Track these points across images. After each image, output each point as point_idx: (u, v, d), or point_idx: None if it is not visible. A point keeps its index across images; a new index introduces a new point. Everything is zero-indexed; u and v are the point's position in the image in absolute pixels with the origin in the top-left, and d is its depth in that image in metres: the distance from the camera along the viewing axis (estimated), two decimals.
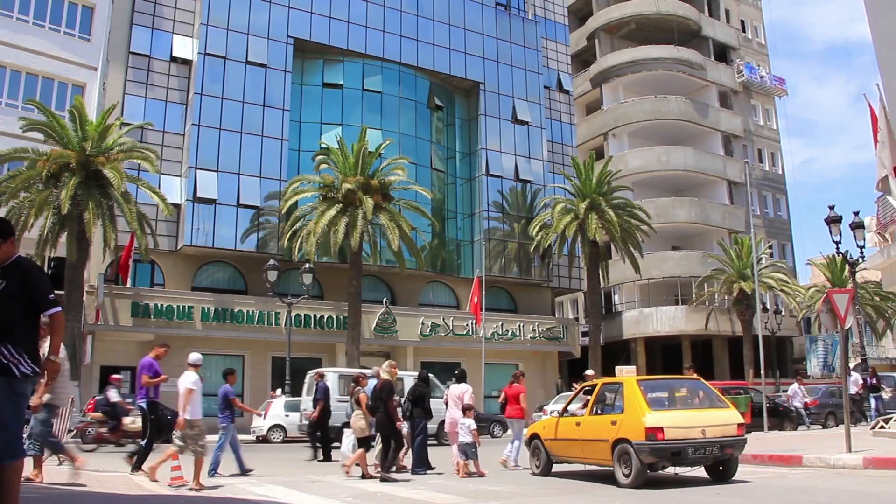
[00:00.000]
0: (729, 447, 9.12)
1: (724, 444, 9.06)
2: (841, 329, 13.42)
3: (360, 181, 26.82)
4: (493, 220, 34.46)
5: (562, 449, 10.61)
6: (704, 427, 8.99)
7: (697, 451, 8.92)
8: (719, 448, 9.02)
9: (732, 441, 9.16)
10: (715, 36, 47.39)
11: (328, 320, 28.80)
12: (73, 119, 22.94)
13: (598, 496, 8.60)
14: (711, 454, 9.05)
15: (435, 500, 8.44)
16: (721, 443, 9.03)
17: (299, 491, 9.01)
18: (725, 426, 9.16)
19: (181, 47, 29.15)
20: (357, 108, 31.98)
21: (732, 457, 9.32)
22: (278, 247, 28.59)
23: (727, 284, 35.94)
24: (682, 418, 9.16)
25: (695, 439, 8.89)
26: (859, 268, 19.20)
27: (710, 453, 9.02)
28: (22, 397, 4.67)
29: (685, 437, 8.87)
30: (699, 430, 8.95)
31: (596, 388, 10.55)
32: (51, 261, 23.74)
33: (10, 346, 4.54)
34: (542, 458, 11.05)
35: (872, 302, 38.52)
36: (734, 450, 9.24)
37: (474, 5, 35.89)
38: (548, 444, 10.90)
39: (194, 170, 27.80)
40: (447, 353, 31.85)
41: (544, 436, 10.99)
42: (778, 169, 48.51)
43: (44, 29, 26.36)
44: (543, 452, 10.99)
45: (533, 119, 36.22)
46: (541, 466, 11.05)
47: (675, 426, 8.87)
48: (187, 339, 26.77)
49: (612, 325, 40.06)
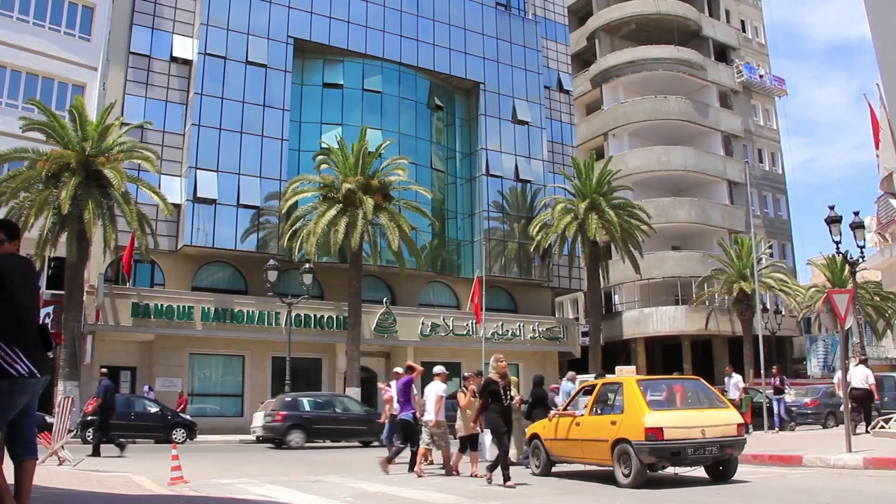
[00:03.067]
0: (729, 447, 9.13)
1: (724, 444, 9.06)
2: (841, 329, 13.42)
3: (360, 181, 26.82)
4: (493, 220, 34.46)
5: (562, 449, 10.61)
6: (704, 427, 8.99)
7: (697, 452, 8.94)
8: (719, 448, 9.03)
9: (732, 441, 9.16)
10: (715, 36, 47.39)
11: (328, 320, 28.80)
12: (73, 119, 22.92)
13: (599, 496, 8.60)
14: (711, 454, 9.05)
15: (435, 499, 8.43)
16: (721, 443, 9.03)
17: (299, 491, 9.01)
18: (725, 426, 9.16)
19: (181, 47, 29.14)
20: (357, 108, 31.98)
21: (732, 457, 9.31)
22: (278, 247, 28.59)
23: (727, 284, 35.93)
24: (682, 418, 9.15)
25: (694, 439, 8.91)
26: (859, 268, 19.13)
27: (709, 453, 9.02)
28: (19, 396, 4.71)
29: (685, 438, 8.88)
30: (699, 430, 8.96)
31: (596, 388, 10.54)
32: (51, 261, 23.74)
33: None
34: (541, 458, 11.06)
35: (872, 302, 38.48)
36: (734, 450, 9.24)
37: (474, 5, 35.88)
38: (548, 444, 10.89)
39: (194, 170, 27.80)
40: (447, 353, 31.83)
41: (544, 436, 10.98)
42: (778, 169, 48.53)
43: (44, 29, 26.35)
44: (543, 452, 11.00)
45: (533, 119, 36.21)
46: (540, 466, 11.07)
47: (674, 426, 8.87)
48: (187, 340, 26.84)
49: (612, 325, 40.06)
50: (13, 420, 4.73)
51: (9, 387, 4.57)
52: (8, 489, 4.76)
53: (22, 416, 4.81)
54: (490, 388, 10.08)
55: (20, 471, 4.84)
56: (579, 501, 8.51)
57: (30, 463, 4.90)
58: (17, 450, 4.88)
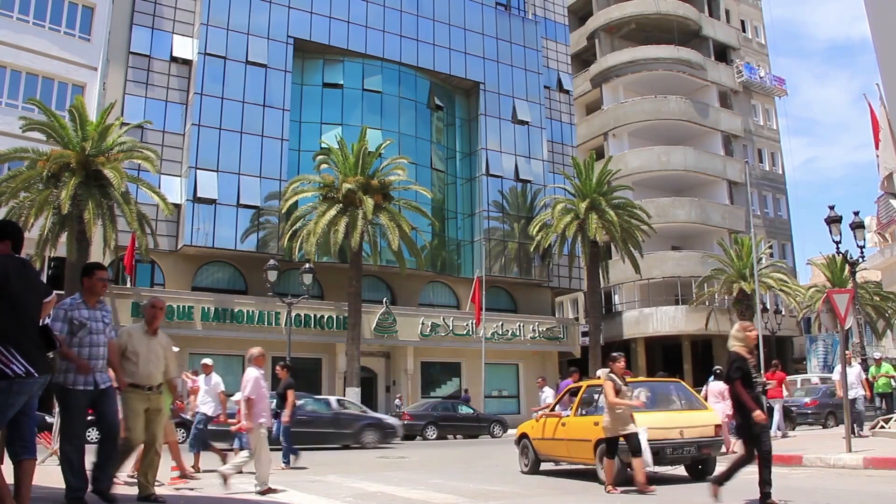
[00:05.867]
0: (706, 447, 9.46)
1: (702, 444, 9.39)
2: (841, 329, 13.43)
3: (360, 181, 26.83)
4: (493, 220, 34.46)
5: (548, 448, 10.96)
6: (682, 428, 9.33)
7: (676, 451, 9.27)
8: (697, 448, 9.36)
9: (710, 442, 9.49)
10: (715, 36, 47.40)
11: (328, 320, 28.80)
12: (74, 119, 22.93)
13: (599, 496, 8.59)
14: (689, 454, 9.40)
15: (435, 499, 8.43)
16: (699, 443, 9.36)
17: (300, 491, 9.00)
18: (703, 427, 9.49)
19: (181, 47, 29.16)
20: (357, 108, 31.98)
21: (710, 456, 9.64)
22: (278, 247, 28.59)
23: (727, 284, 35.93)
24: (661, 419, 9.41)
25: (673, 440, 9.22)
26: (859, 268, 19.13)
27: (687, 453, 9.37)
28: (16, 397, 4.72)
29: (664, 438, 9.15)
30: (677, 430, 9.30)
31: (581, 390, 10.83)
32: (51, 261, 23.74)
33: None
34: (530, 457, 11.40)
35: (872, 302, 38.48)
36: (711, 450, 9.58)
37: (474, 5, 35.89)
38: (535, 443, 11.24)
39: (194, 170, 27.81)
40: (447, 353, 31.89)
41: (532, 435, 11.35)
42: (778, 169, 48.54)
43: (44, 29, 26.35)
44: (531, 451, 11.34)
45: (533, 119, 36.22)
46: (529, 465, 11.40)
47: (653, 427, 9.09)
48: (187, 340, 26.77)
49: (612, 325, 40.06)
50: (12, 420, 4.73)
51: (6, 387, 4.57)
52: (8, 489, 4.76)
53: (21, 417, 4.82)
54: (739, 365, 7.09)
55: (20, 471, 4.85)
56: (580, 501, 8.50)
57: (29, 463, 4.90)
58: (17, 450, 4.88)
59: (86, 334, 6.02)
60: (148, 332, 6.91)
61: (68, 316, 5.98)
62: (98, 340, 6.10)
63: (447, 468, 12.71)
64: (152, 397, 6.78)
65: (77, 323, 5.99)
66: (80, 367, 5.87)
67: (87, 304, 6.15)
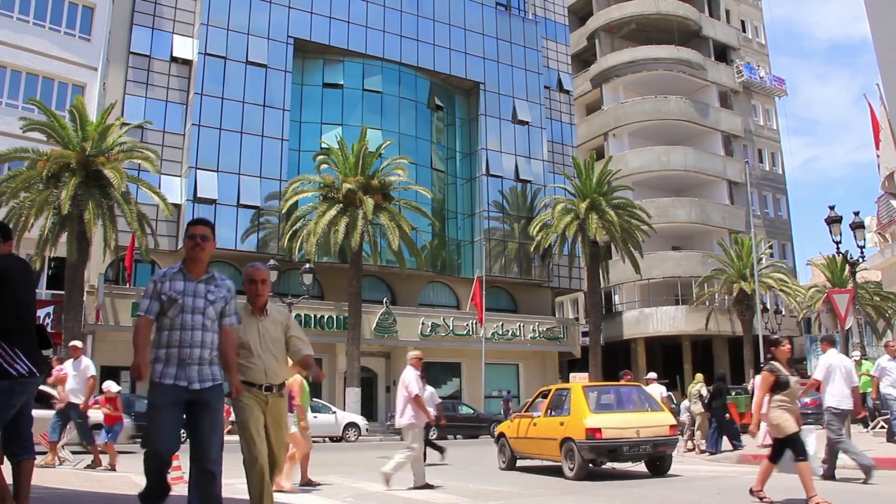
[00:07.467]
0: (662, 446, 10.31)
1: (657, 443, 10.22)
2: (841, 329, 13.44)
3: (360, 181, 26.84)
4: (493, 220, 34.48)
5: (522, 446, 11.81)
6: (639, 428, 10.16)
7: (632, 449, 10.12)
8: (652, 446, 10.18)
9: (665, 440, 10.33)
10: (715, 36, 47.42)
11: (328, 320, 28.81)
12: (74, 119, 22.92)
13: (599, 496, 8.59)
14: (645, 452, 10.24)
15: (435, 499, 8.43)
16: (654, 442, 10.18)
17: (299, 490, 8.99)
18: (658, 427, 10.31)
19: (181, 47, 29.17)
20: (357, 108, 31.99)
21: (666, 454, 10.51)
22: (278, 247, 28.60)
23: (727, 284, 35.94)
24: (619, 420, 10.32)
25: (630, 438, 10.05)
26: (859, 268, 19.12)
27: (643, 451, 10.22)
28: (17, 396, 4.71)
29: (621, 437, 10.03)
30: (634, 430, 10.13)
31: (550, 393, 11.74)
32: (51, 261, 23.74)
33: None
34: (507, 455, 12.26)
35: (872, 302, 38.45)
36: (667, 448, 10.43)
37: (474, 5, 35.90)
38: (512, 441, 12.06)
39: (194, 170, 27.82)
40: (447, 353, 31.88)
41: (509, 434, 12.19)
42: (778, 169, 48.55)
43: (44, 29, 26.37)
44: (508, 449, 12.19)
45: (533, 119, 36.23)
46: (506, 462, 12.25)
47: (612, 427, 10.03)
48: None
49: (612, 325, 40.07)
50: (10, 420, 4.73)
51: (9, 386, 4.57)
52: (7, 489, 4.77)
53: (19, 416, 4.82)
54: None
55: (18, 471, 4.85)
56: (580, 501, 8.50)
57: (28, 463, 4.90)
58: (15, 450, 4.88)
59: (177, 313, 4.51)
60: (254, 312, 5.27)
61: (157, 290, 4.55)
62: (194, 322, 4.54)
63: (447, 468, 12.71)
64: (271, 399, 5.24)
65: (166, 298, 4.52)
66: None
67: (186, 275, 4.63)
